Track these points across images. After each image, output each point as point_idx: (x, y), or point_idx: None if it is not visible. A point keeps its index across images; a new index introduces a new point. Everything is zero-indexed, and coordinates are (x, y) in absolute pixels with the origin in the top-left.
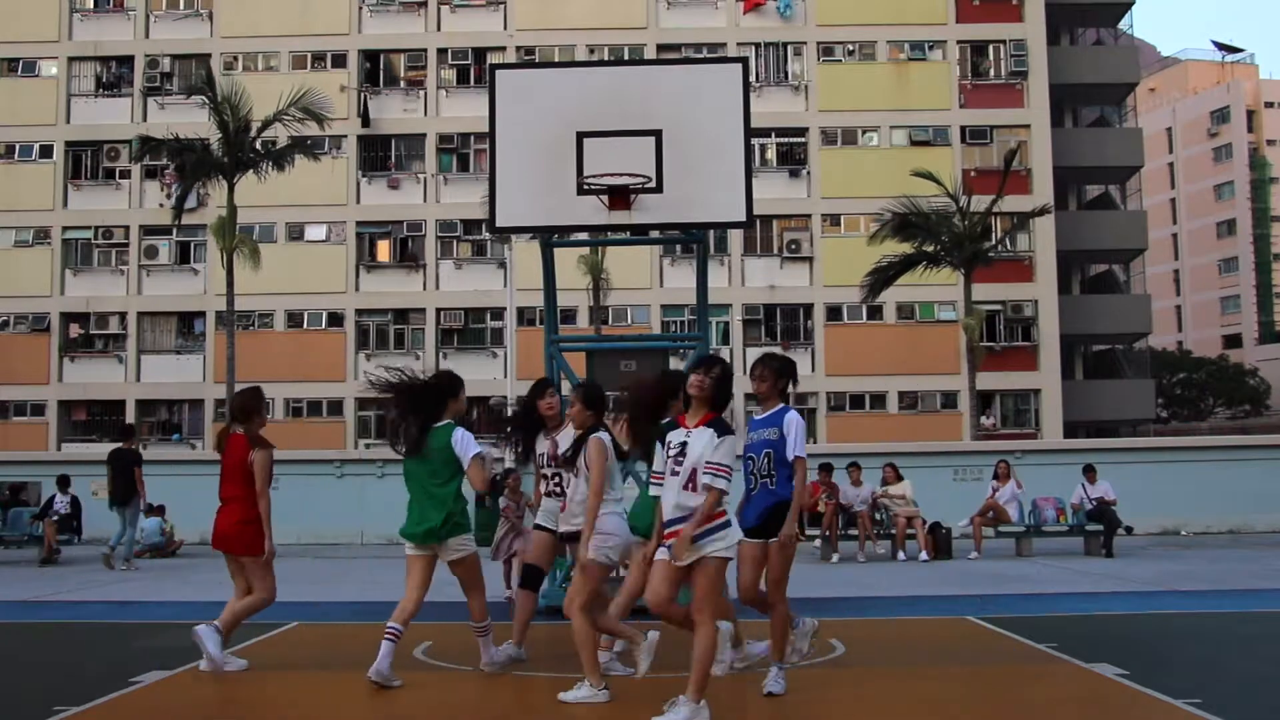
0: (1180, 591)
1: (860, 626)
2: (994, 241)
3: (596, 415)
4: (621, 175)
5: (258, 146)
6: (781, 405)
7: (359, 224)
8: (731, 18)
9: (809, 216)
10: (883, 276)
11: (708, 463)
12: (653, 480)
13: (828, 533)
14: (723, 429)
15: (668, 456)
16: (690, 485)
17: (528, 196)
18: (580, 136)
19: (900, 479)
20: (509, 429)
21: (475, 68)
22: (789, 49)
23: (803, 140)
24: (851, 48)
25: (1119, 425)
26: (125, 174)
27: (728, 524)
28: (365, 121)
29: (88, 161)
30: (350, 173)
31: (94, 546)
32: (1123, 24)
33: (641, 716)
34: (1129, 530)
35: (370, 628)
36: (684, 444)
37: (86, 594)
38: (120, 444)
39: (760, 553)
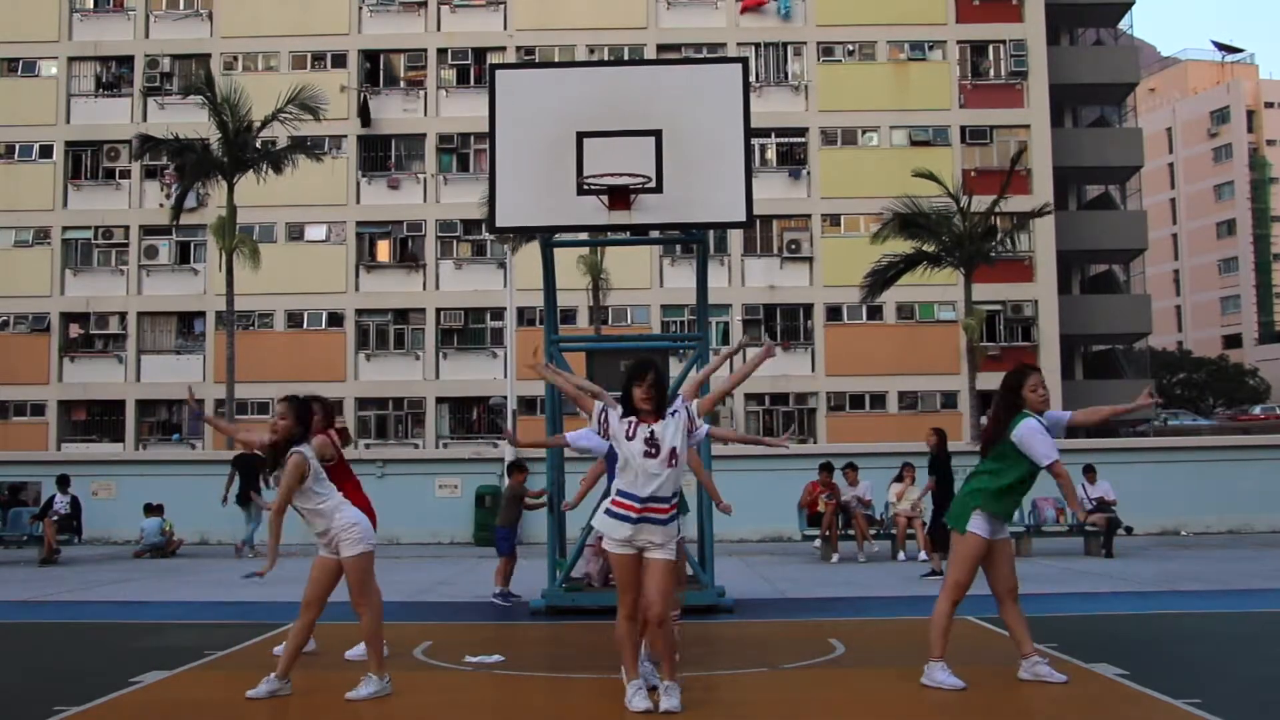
0: (1180, 591)
1: (860, 626)
2: (995, 241)
3: (303, 428)
4: (621, 175)
5: (257, 147)
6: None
7: (359, 224)
8: (731, 18)
9: (809, 217)
10: (883, 276)
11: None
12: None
13: (827, 533)
14: (673, 413)
15: (638, 442)
16: (673, 461)
17: (528, 196)
18: (580, 136)
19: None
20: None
21: (475, 68)
22: (789, 49)
23: (803, 140)
24: (851, 48)
25: (1119, 426)
26: (125, 174)
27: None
28: (365, 121)
29: (88, 161)
30: (350, 173)
31: (94, 547)
32: (1122, 24)
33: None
34: (1129, 530)
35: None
36: (653, 431)
37: (86, 594)
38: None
39: None
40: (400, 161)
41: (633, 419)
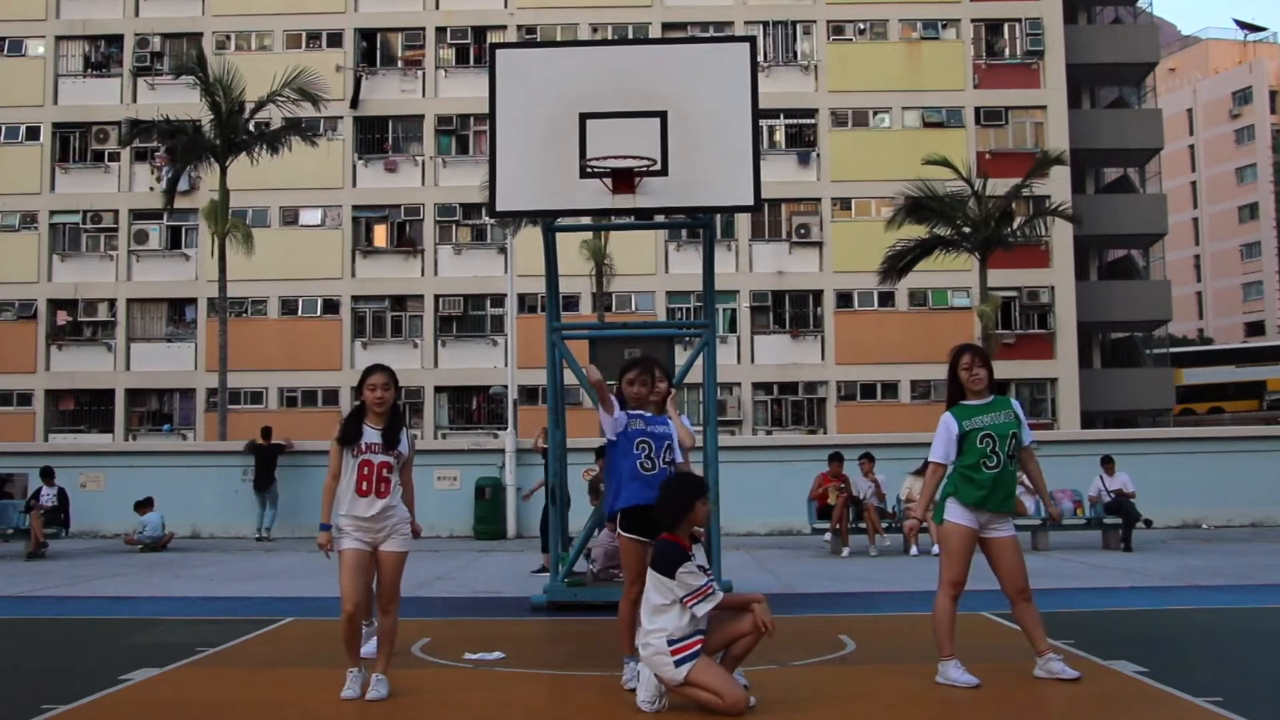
0: (1201, 587)
1: (871, 623)
2: (1014, 227)
3: None
4: (625, 158)
5: (250, 128)
6: (666, 416)
7: (355, 208)
8: None
9: (819, 200)
10: (898, 263)
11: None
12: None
13: (838, 526)
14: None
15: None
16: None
17: (529, 180)
18: (583, 118)
19: None
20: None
21: (475, 47)
22: (798, 28)
23: (812, 122)
24: (862, 26)
25: (1138, 415)
26: (114, 156)
27: None
28: (354, 103)
29: (76, 143)
30: (346, 155)
31: (82, 540)
32: (1142, 2)
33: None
34: (1148, 523)
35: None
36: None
37: (75, 589)
38: (261, 442)
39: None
40: (398, 144)
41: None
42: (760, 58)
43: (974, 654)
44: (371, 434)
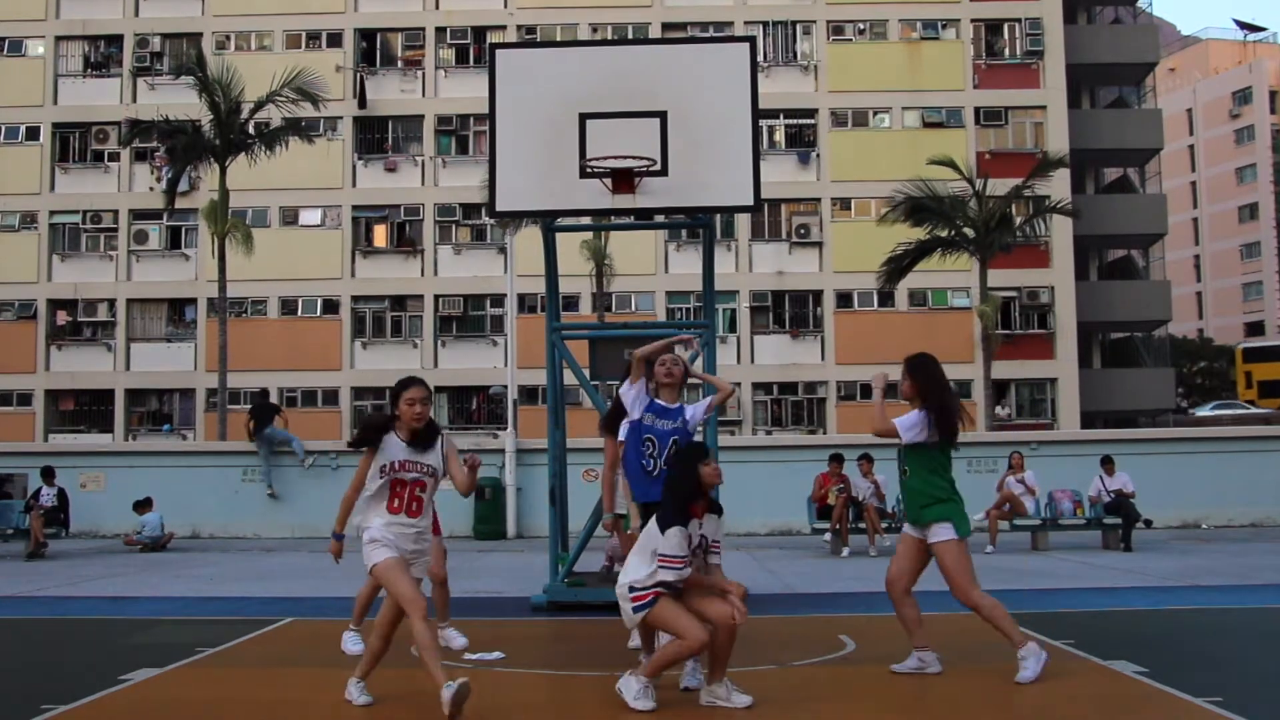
0: (1202, 587)
1: (871, 623)
2: (1016, 227)
3: None
4: (625, 158)
5: (250, 129)
6: (680, 404)
7: (355, 208)
8: None
9: (818, 200)
10: (899, 264)
11: (712, 542)
12: (669, 565)
13: (838, 526)
14: (718, 510)
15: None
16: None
17: (529, 180)
18: (583, 118)
19: None
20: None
21: (475, 47)
22: (798, 28)
23: (812, 122)
24: (862, 26)
25: (1138, 415)
26: (114, 156)
27: None
28: (362, 103)
29: (75, 143)
30: (346, 155)
31: (82, 540)
32: (1141, 2)
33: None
34: (1148, 523)
35: (365, 623)
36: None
37: (75, 589)
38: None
39: None
40: (397, 144)
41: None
42: (760, 58)
43: (973, 654)
44: (399, 449)
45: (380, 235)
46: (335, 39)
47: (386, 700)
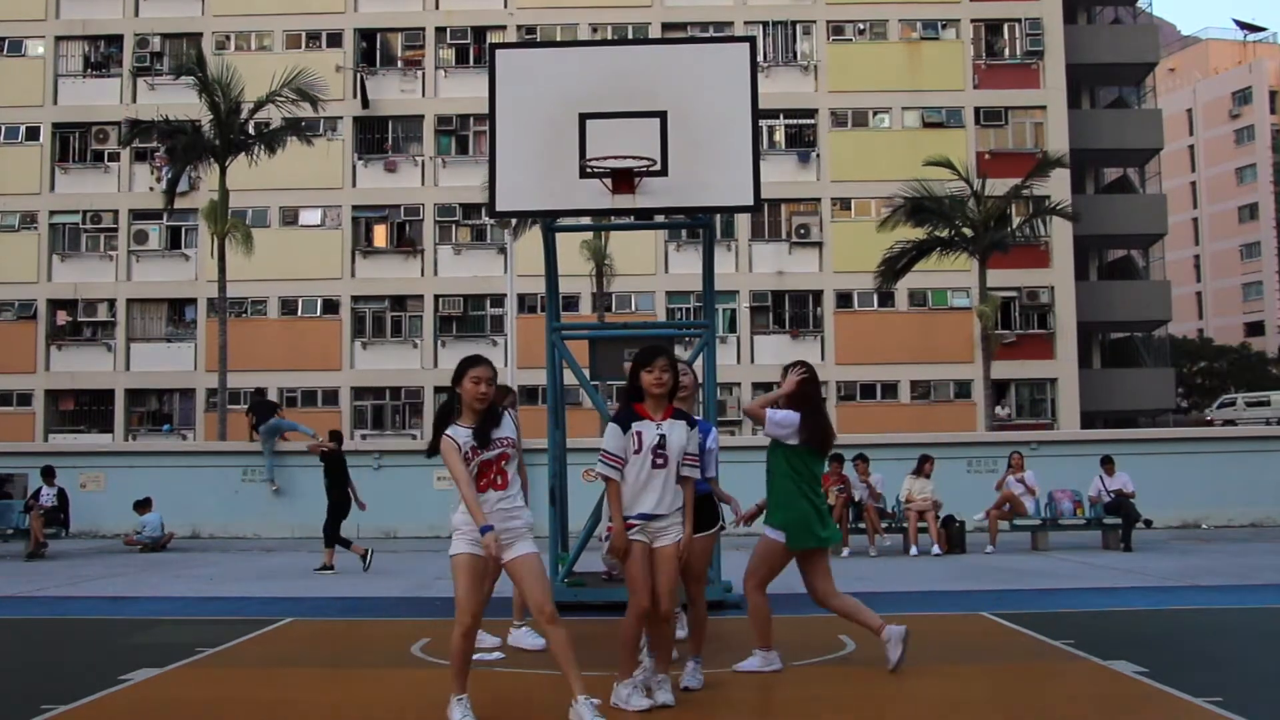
0: (1201, 587)
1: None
2: (1013, 228)
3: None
4: (625, 158)
5: (250, 129)
6: (704, 420)
7: (355, 208)
8: None
9: (818, 200)
10: (896, 264)
11: (686, 454)
12: (608, 461)
13: (838, 526)
14: (689, 420)
15: (649, 449)
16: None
17: (529, 180)
18: (583, 118)
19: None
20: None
21: (475, 47)
22: (798, 28)
23: (812, 122)
24: (862, 26)
25: (1138, 415)
26: (114, 156)
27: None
28: (363, 103)
29: (75, 143)
30: (346, 155)
31: (82, 540)
32: (1141, 2)
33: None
34: (1148, 523)
35: (366, 624)
36: (662, 436)
37: (75, 589)
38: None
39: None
40: (397, 144)
41: (638, 431)
42: (760, 58)
43: (974, 654)
44: (466, 435)
45: (380, 235)
46: (335, 39)
47: (386, 699)
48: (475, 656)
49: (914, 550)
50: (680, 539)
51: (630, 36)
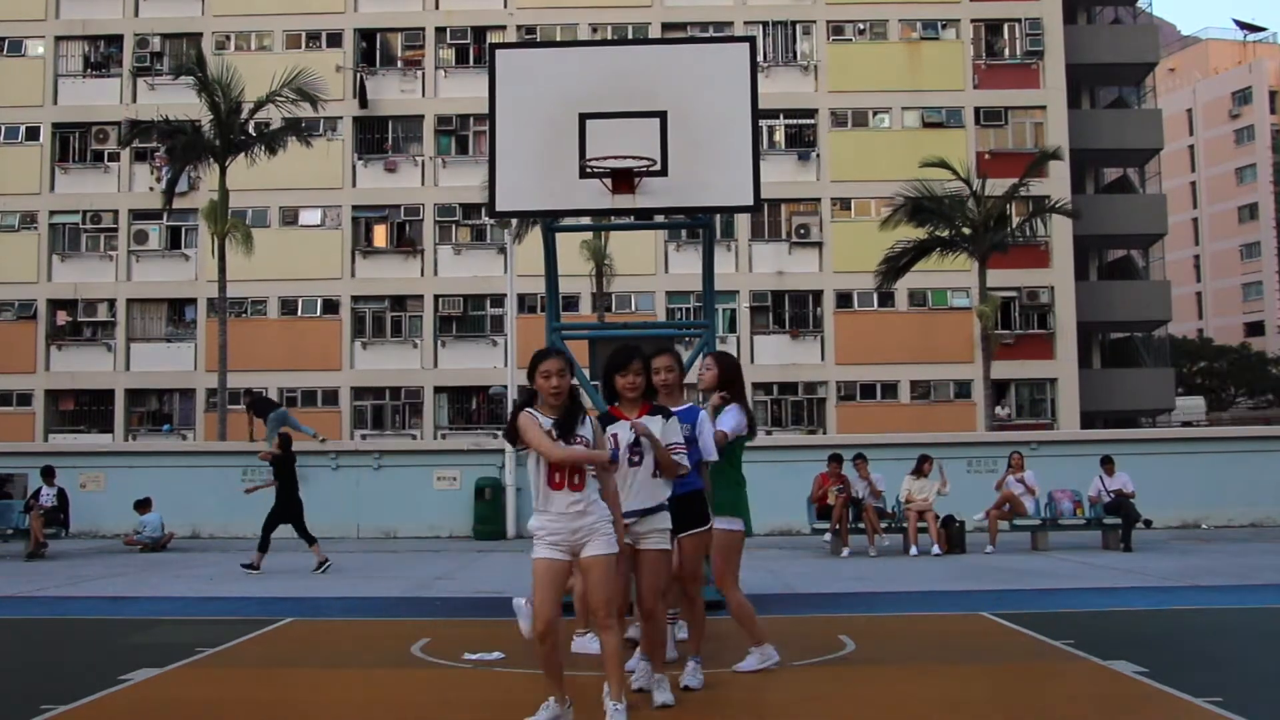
0: (1201, 587)
1: (871, 622)
2: (1013, 228)
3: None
4: (625, 158)
5: (250, 129)
6: (691, 404)
7: (355, 208)
8: None
9: (818, 200)
10: (896, 264)
11: (671, 444)
12: None
13: (837, 526)
14: (665, 413)
15: (626, 446)
16: (657, 472)
17: (529, 180)
18: (583, 118)
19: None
20: None
21: (475, 47)
22: (798, 28)
23: (812, 122)
24: (862, 26)
25: (1138, 415)
26: (114, 157)
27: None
28: (362, 103)
29: (75, 143)
30: (346, 155)
31: (82, 540)
32: (1141, 2)
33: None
34: (1148, 524)
35: (366, 624)
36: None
37: (75, 589)
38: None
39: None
40: (397, 144)
41: (613, 433)
42: (760, 58)
43: (974, 654)
44: (545, 424)
45: (380, 235)
46: (335, 39)
47: (386, 698)
48: (474, 657)
49: (914, 550)
50: (665, 545)
51: (630, 36)
